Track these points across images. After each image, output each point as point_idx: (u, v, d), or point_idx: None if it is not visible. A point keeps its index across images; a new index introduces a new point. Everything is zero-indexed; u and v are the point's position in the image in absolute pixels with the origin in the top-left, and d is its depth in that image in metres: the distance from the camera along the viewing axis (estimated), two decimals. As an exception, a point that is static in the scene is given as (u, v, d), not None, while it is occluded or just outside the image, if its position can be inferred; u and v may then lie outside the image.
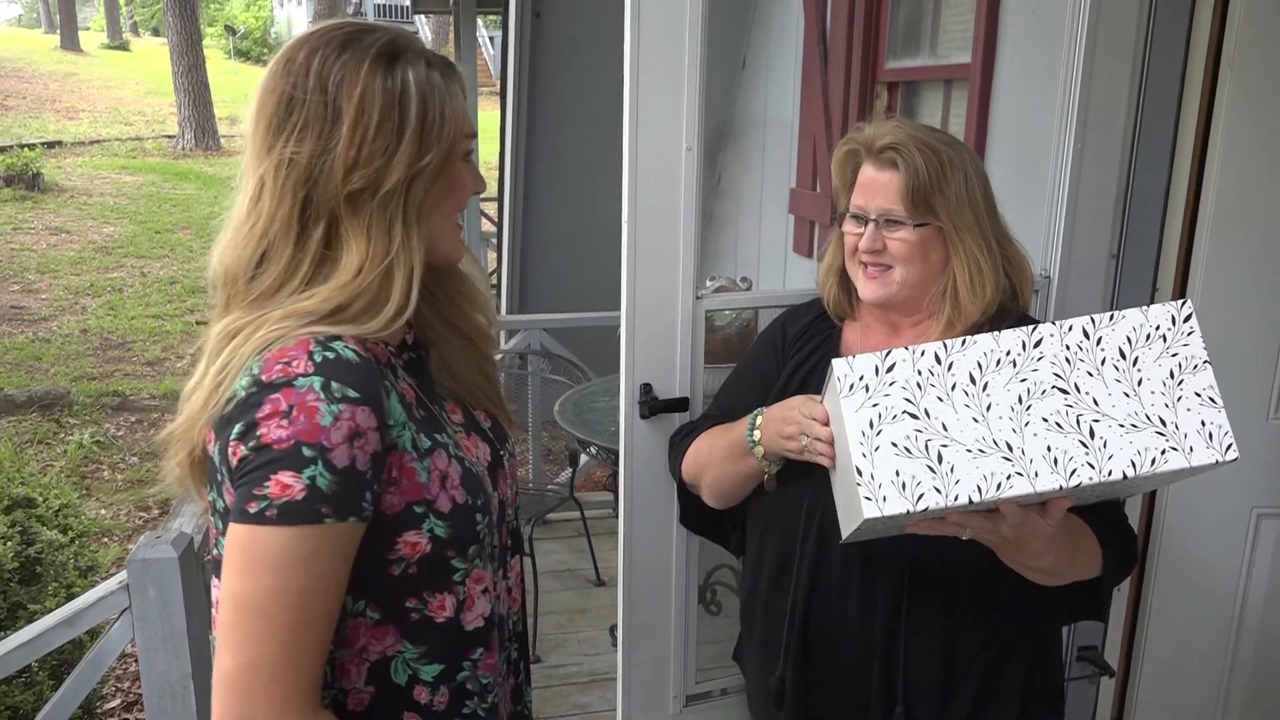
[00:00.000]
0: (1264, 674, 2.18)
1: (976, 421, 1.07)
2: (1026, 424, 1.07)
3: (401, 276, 0.97)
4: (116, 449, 5.34)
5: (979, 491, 1.05)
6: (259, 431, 0.88)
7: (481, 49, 18.90)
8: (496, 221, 6.03)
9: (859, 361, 1.10)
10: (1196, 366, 1.09)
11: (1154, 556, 2.15)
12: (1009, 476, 1.05)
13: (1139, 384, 1.08)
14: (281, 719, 0.89)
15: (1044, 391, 1.08)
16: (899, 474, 1.06)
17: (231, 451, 0.90)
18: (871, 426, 1.08)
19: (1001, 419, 1.07)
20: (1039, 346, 1.09)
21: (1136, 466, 1.06)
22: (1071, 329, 1.10)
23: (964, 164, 1.38)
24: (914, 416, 1.08)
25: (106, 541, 4.26)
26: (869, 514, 1.05)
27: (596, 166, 3.73)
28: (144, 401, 5.94)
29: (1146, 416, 1.07)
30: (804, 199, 3.77)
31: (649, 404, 1.74)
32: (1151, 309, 1.10)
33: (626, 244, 1.68)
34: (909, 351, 1.09)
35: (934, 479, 1.06)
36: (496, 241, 6.00)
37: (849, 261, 1.45)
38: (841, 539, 1.17)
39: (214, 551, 1.00)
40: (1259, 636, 2.16)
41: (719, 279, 2.35)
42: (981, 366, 1.09)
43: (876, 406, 1.08)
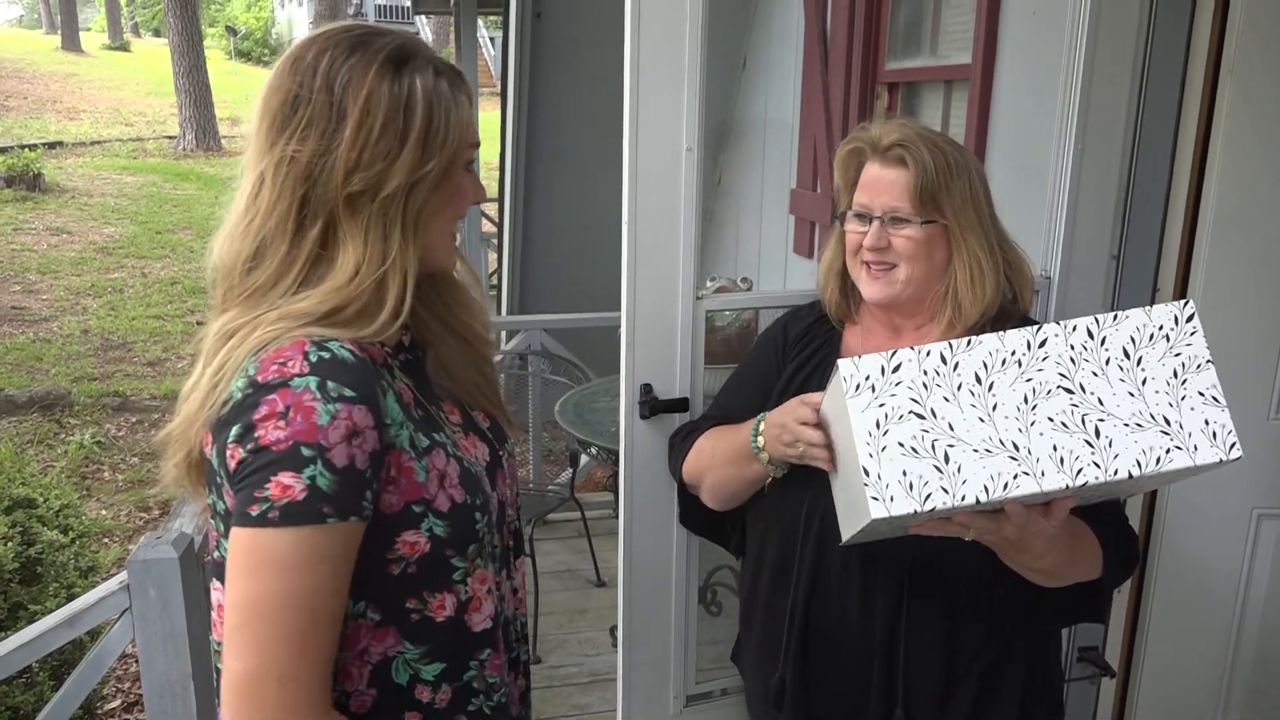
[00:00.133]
0: (1264, 674, 2.18)
1: (983, 421, 1.07)
2: (1032, 423, 1.07)
3: (396, 282, 0.97)
4: (117, 449, 5.34)
5: (986, 491, 1.05)
6: (256, 433, 0.88)
7: (482, 49, 18.91)
8: (497, 222, 6.03)
9: (865, 362, 1.10)
10: (1200, 366, 1.09)
11: (1154, 557, 2.15)
12: (1015, 476, 1.05)
13: (1143, 383, 1.08)
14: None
15: (1049, 391, 1.08)
16: (906, 474, 1.06)
17: (230, 454, 0.90)
18: (878, 427, 1.07)
19: (1007, 419, 1.07)
20: (1044, 346, 1.09)
21: (1142, 466, 1.06)
22: (1076, 329, 1.10)
23: (967, 165, 1.39)
24: (920, 416, 1.08)
25: (107, 542, 4.27)
26: (876, 514, 1.05)
27: (597, 167, 3.73)
28: (145, 402, 5.94)
29: (1151, 416, 1.07)
30: (804, 199, 3.77)
31: (649, 404, 1.74)
32: (1154, 309, 1.10)
33: (626, 244, 1.69)
34: (915, 351, 1.09)
35: (941, 479, 1.05)
36: (497, 242, 6.00)
37: (851, 261, 1.45)
38: (842, 541, 1.17)
39: (214, 553, 1.00)
40: (1259, 637, 2.16)
41: (719, 279, 2.35)
42: (987, 366, 1.09)
43: (883, 407, 1.08)
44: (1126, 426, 1.07)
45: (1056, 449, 1.06)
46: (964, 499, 1.05)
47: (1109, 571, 1.31)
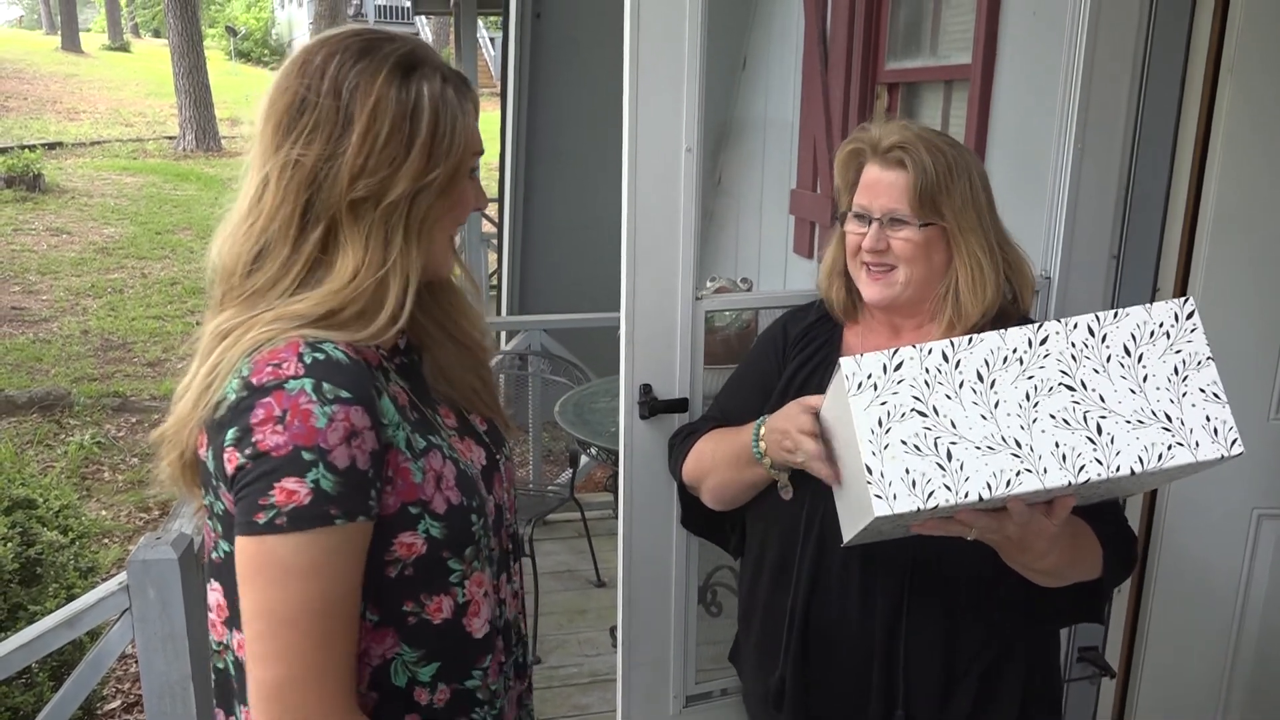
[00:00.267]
0: (1264, 674, 2.18)
1: (985, 419, 1.07)
2: (1034, 421, 1.07)
3: (397, 287, 0.97)
4: (117, 450, 5.34)
5: (989, 489, 1.05)
6: (254, 438, 0.88)
7: (482, 50, 18.91)
8: (497, 222, 6.04)
9: (867, 360, 1.10)
10: (1200, 363, 1.09)
11: (1154, 557, 2.15)
12: (1018, 473, 1.05)
13: (1144, 380, 1.08)
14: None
15: (1051, 389, 1.08)
16: (909, 472, 1.06)
17: (227, 458, 0.89)
18: (880, 425, 1.07)
19: (1010, 416, 1.07)
20: (1045, 344, 1.10)
21: (1144, 462, 1.06)
22: (1076, 326, 1.10)
23: (968, 166, 1.39)
24: (923, 414, 1.07)
25: (107, 542, 4.26)
26: (879, 512, 1.05)
27: (596, 167, 3.73)
28: (144, 402, 5.94)
29: (1152, 412, 1.08)
30: (804, 200, 3.77)
31: (649, 405, 1.74)
32: (1155, 306, 1.10)
33: (626, 244, 1.68)
34: (916, 349, 1.09)
35: (944, 477, 1.05)
36: (497, 242, 6.00)
37: (851, 262, 1.45)
38: (844, 542, 1.17)
39: (211, 554, 0.99)
40: (1259, 637, 2.16)
41: (719, 279, 2.34)
42: (989, 364, 1.09)
43: (885, 405, 1.08)
44: (1128, 423, 1.07)
45: (1058, 446, 1.06)
46: (967, 496, 1.05)
47: (1109, 571, 1.31)
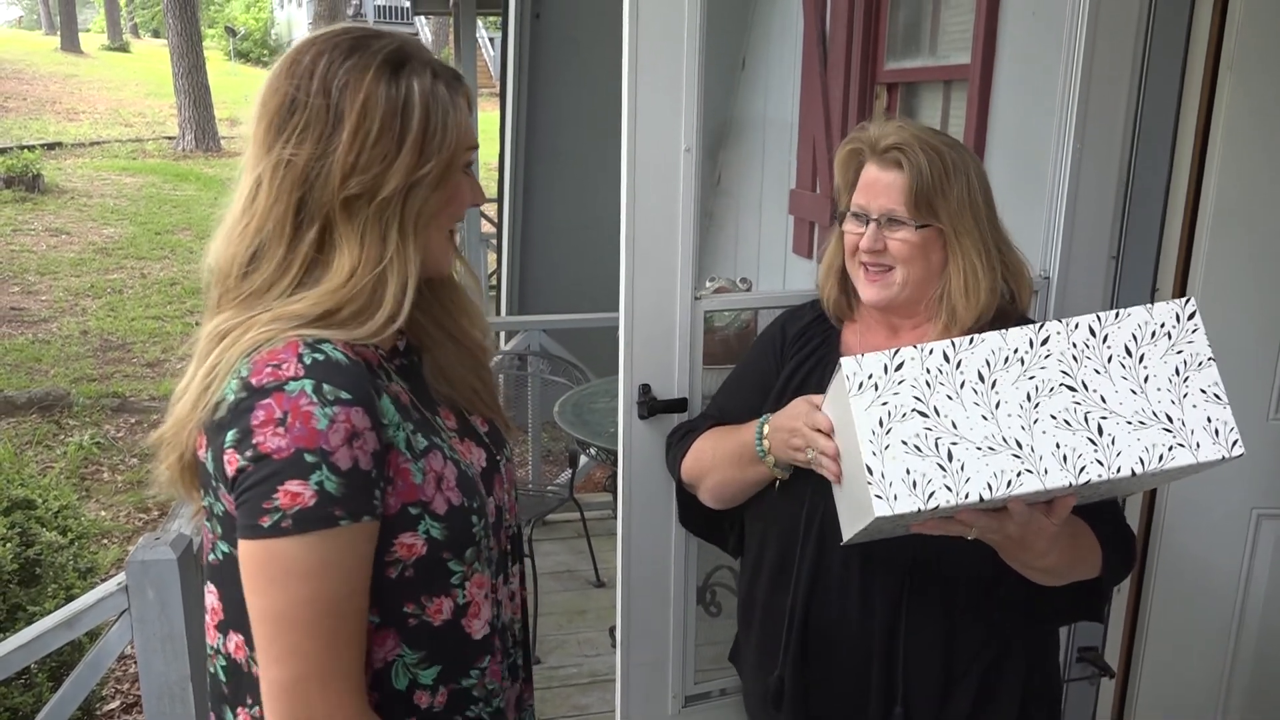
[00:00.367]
0: (1264, 674, 2.17)
1: (986, 419, 1.07)
2: (1035, 421, 1.07)
3: (395, 284, 0.96)
4: (116, 450, 5.33)
5: (989, 489, 1.05)
6: (255, 440, 0.87)
7: (481, 50, 18.91)
8: (496, 223, 6.04)
9: (868, 360, 1.09)
10: (1201, 363, 1.09)
11: (1154, 557, 2.15)
12: (1019, 474, 1.05)
13: (1145, 381, 1.08)
14: (338, 717, 0.91)
15: (1052, 389, 1.08)
16: (910, 472, 1.06)
17: (227, 460, 0.89)
18: (881, 425, 1.07)
19: (1011, 416, 1.07)
20: (1046, 344, 1.09)
21: (1145, 463, 1.06)
22: (1078, 327, 1.10)
23: (966, 168, 1.38)
24: (923, 415, 1.07)
25: (106, 543, 4.26)
26: (880, 512, 1.05)
27: (596, 167, 3.73)
28: (144, 403, 5.94)
29: (1153, 413, 1.07)
30: (804, 200, 3.77)
31: (648, 405, 1.74)
32: (1156, 307, 1.10)
33: (625, 245, 1.68)
34: (917, 350, 1.09)
35: (945, 477, 1.05)
36: (496, 242, 6.01)
37: (849, 262, 1.45)
38: (843, 540, 1.17)
39: (209, 556, 0.99)
40: (1259, 637, 2.16)
41: (718, 279, 2.34)
42: (990, 364, 1.09)
43: (886, 405, 1.08)
44: (1129, 424, 1.07)
45: (1059, 447, 1.06)
46: (967, 497, 1.05)
47: (1108, 570, 1.31)
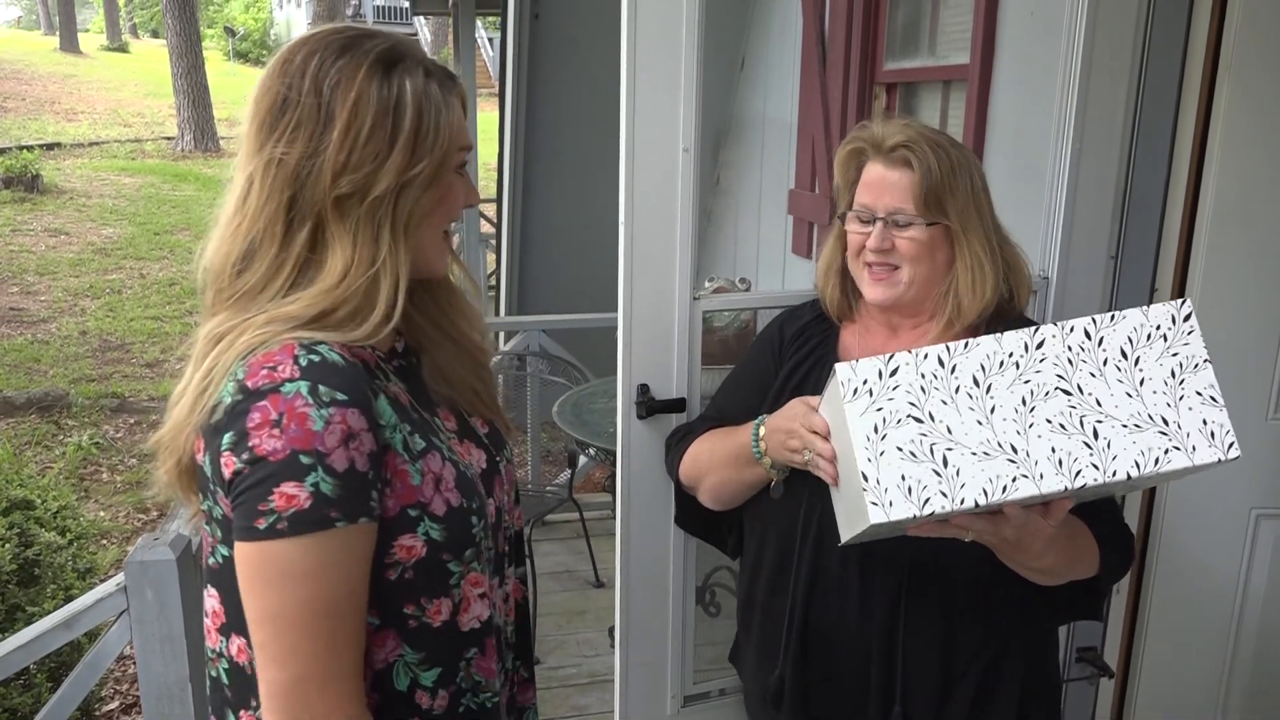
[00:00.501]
0: (1263, 674, 2.18)
1: (981, 424, 1.07)
2: (1030, 425, 1.07)
3: (388, 284, 0.96)
4: (115, 451, 5.33)
5: (985, 494, 1.05)
6: (251, 443, 0.87)
7: (481, 50, 18.90)
8: (495, 222, 6.04)
9: (862, 366, 1.09)
10: (1197, 366, 1.08)
11: (1153, 557, 2.15)
12: (1014, 479, 1.05)
13: (1141, 384, 1.08)
14: (336, 718, 0.91)
15: (1047, 393, 1.08)
16: (905, 478, 1.06)
17: (224, 463, 0.89)
18: (876, 431, 1.07)
19: (1005, 421, 1.07)
20: (1041, 348, 1.09)
21: (1140, 467, 1.06)
22: (1073, 330, 1.10)
23: (969, 165, 1.39)
24: (918, 420, 1.07)
25: (105, 543, 4.26)
26: (875, 519, 1.05)
27: (595, 167, 3.73)
28: (143, 403, 5.94)
29: (1149, 416, 1.07)
30: (803, 200, 3.77)
31: (646, 405, 1.74)
32: (1152, 309, 1.10)
33: (624, 245, 1.68)
34: (912, 355, 1.09)
35: (940, 483, 1.05)
36: (495, 243, 6.01)
37: (852, 262, 1.45)
38: (841, 542, 1.17)
39: (208, 560, 0.99)
40: (1258, 637, 2.16)
41: (717, 280, 2.34)
42: (985, 369, 1.09)
43: (880, 411, 1.08)
44: (1125, 427, 1.07)
45: (1055, 451, 1.06)
46: (963, 502, 1.05)
47: (1106, 569, 1.31)
